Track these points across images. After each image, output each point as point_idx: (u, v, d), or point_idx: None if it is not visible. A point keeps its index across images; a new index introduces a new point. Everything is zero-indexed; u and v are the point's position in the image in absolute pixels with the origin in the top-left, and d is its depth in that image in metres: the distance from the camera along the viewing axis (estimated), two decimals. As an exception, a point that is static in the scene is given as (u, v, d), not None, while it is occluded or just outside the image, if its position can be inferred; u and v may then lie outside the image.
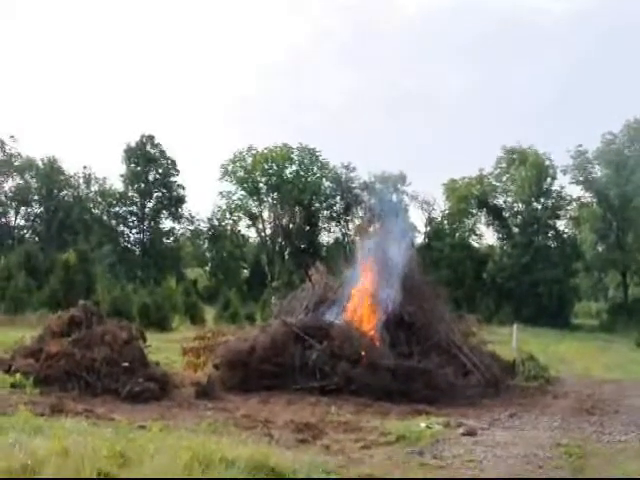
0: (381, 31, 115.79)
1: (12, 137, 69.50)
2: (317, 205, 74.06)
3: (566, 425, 13.69)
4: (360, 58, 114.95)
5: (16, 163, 70.11)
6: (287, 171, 72.75)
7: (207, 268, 76.51)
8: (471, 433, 12.30)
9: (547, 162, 65.54)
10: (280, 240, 72.85)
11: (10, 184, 70.45)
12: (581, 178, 66.22)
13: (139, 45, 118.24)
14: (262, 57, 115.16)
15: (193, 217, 73.07)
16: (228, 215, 74.70)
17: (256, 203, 73.69)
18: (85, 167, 73.24)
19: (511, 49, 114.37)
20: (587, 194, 67.51)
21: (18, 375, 14.16)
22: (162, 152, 69.31)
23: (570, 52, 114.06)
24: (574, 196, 67.56)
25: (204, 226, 74.57)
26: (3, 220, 70.31)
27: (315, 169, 73.67)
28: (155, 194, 69.74)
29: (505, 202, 69.21)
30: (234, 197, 73.77)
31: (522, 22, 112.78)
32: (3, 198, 69.98)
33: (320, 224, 74.92)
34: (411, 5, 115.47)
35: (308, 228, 73.48)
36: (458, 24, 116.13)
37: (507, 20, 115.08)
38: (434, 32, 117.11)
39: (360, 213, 71.79)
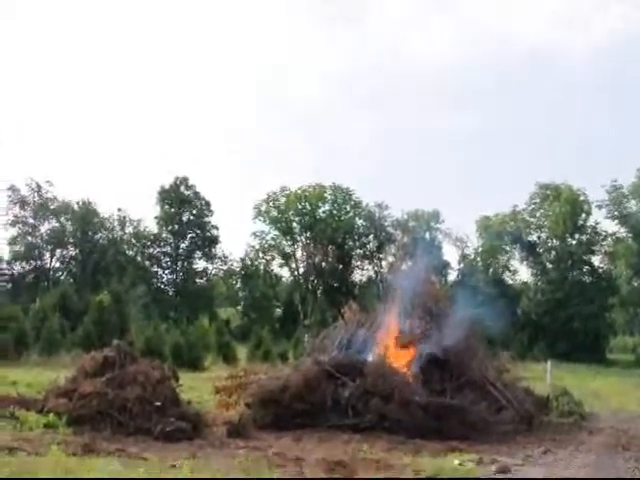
0: (412, 71, 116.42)
1: (48, 182, 70.48)
2: (350, 244, 74.22)
3: (601, 462, 13.51)
4: (392, 98, 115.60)
5: (52, 207, 70.92)
6: (320, 210, 73.06)
7: (240, 307, 76.71)
8: (505, 470, 12.16)
9: (581, 197, 65.25)
10: (313, 279, 72.95)
11: (46, 227, 71.32)
12: (616, 213, 65.77)
13: (175, 86, 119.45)
14: (294, 99, 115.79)
15: (226, 257, 73.67)
16: (261, 255, 75.08)
17: (289, 242, 74.01)
18: (120, 209, 74.13)
19: (543, 85, 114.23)
20: (622, 229, 67.00)
21: (51, 415, 14.21)
22: (196, 193, 70.01)
23: (604, 87, 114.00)
24: (609, 231, 67.13)
25: (237, 266, 75.06)
26: (39, 263, 70.99)
27: (348, 208, 73.92)
28: (189, 235, 70.32)
29: (539, 238, 68.84)
30: (267, 237, 74.25)
31: (552, 57, 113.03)
32: (39, 241, 70.75)
33: (353, 262, 75.07)
34: (440, 48, 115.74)
35: (341, 267, 73.58)
36: (487, 62, 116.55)
37: (537, 55, 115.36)
38: (463, 70, 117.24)
39: (393, 251, 71.94)
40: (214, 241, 71.18)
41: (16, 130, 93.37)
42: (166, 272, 70.90)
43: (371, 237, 74.09)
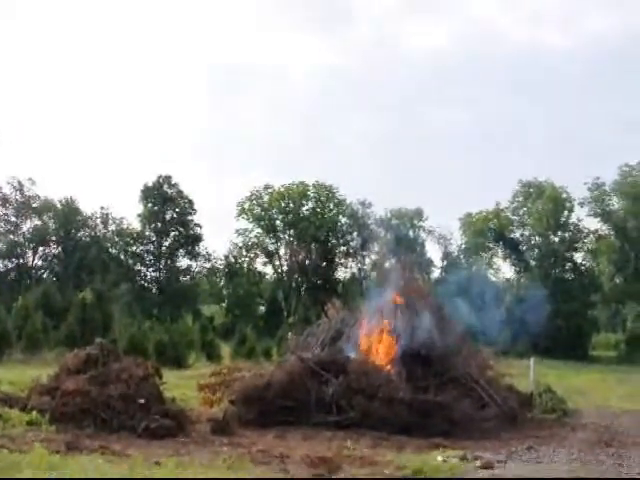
0: (394, 70, 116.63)
1: (30, 179, 70.06)
2: (333, 241, 74.17)
3: (584, 458, 13.57)
4: (374, 96, 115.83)
5: (34, 205, 70.56)
6: (304, 208, 72.98)
7: (223, 305, 76.49)
8: (488, 466, 12.21)
9: (564, 195, 65.33)
10: (296, 276, 72.90)
11: (28, 225, 70.98)
12: (598, 210, 65.94)
13: (160, 84, 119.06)
14: (278, 97, 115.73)
15: (210, 255, 73.38)
16: (245, 252, 74.93)
17: (273, 240, 73.90)
18: (102, 207, 73.61)
19: (527, 82, 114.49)
20: (604, 226, 67.21)
21: (34, 413, 14.17)
22: (179, 192, 69.75)
23: (587, 85, 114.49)
24: (591, 228, 67.30)
25: (221, 264, 74.89)
26: (21, 261, 70.66)
27: (331, 206, 73.85)
28: (172, 233, 70.09)
29: (522, 235, 68.99)
30: (251, 234, 74.12)
31: (533, 55, 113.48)
32: (21, 239, 70.38)
33: (336, 260, 75.00)
34: (422, 46, 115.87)
35: (324, 264, 73.52)
36: (469, 59, 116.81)
37: (518, 52, 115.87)
38: (446, 69, 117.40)
39: (376, 249, 72.00)
40: (197, 239, 70.95)
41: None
42: (149, 270, 70.70)
43: (354, 235, 74.08)
